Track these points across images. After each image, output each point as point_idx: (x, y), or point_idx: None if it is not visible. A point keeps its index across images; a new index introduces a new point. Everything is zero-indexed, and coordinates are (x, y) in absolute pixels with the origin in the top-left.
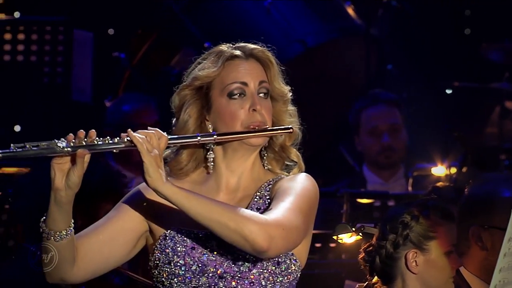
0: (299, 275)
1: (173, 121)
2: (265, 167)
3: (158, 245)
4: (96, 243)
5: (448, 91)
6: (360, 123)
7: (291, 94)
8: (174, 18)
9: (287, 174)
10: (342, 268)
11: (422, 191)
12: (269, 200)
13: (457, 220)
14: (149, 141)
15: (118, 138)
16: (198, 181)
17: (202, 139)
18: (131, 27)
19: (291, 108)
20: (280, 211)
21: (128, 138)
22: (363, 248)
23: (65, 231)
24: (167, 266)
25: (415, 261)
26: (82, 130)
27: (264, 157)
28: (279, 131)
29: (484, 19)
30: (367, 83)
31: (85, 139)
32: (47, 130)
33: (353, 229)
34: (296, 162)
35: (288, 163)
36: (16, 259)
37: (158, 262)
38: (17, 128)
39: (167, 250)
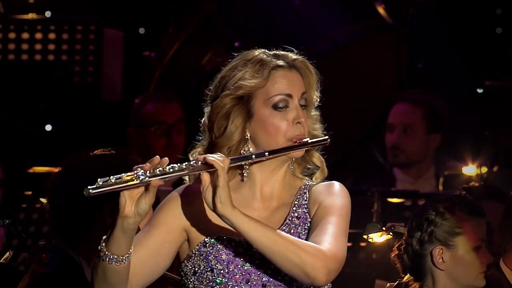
0: None
1: (212, 128)
2: (291, 171)
3: (196, 252)
4: (142, 259)
5: (479, 90)
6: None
7: (318, 100)
8: (205, 17)
9: (308, 179)
10: (373, 268)
11: (453, 190)
12: (307, 209)
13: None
14: (223, 164)
15: (188, 163)
16: (232, 187)
17: (255, 159)
18: (162, 26)
19: (315, 113)
20: (333, 241)
21: (202, 161)
22: (396, 246)
23: (127, 254)
24: (209, 273)
25: (442, 257)
26: (157, 157)
27: (292, 161)
28: (318, 144)
29: None
30: (398, 82)
31: (159, 167)
32: (77, 129)
33: (383, 228)
34: (319, 167)
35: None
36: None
37: (197, 269)
38: (48, 127)
39: (210, 257)
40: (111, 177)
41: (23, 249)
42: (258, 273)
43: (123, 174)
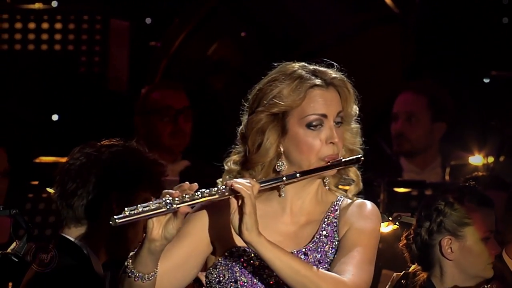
0: None
1: (241, 139)
2: (325, 186)
3: (222, 261)
4: (170, 270)
5: (486, 80)
6: None
7: (357, 113)
8: (211, 8)
9: (343, 192)
10: (379, 258)
11: (460, 180)
12: (336, 228)
13: (505, 208)
14: (250, 192)
15: (217, 188)
16: (262, 200)
17: (286, 181)
18: (168, 16)
19: (355, 126)
20: (357, 271)
21: (230, 187)
22: (404, 235)
23: (153, 272)
24: (233, 284)
25: (450, 247)
26: (187, 183)
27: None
28: (352, 163)
29: None
30: (403, 72)
31: (187, 193)
32: (84, 119)
33: (390, 218)
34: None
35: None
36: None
37: (221, 278)
38: (55, 117)
39: (235, 269)
40: (139, 205)
41: (30, 239)
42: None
43: (150, 202)
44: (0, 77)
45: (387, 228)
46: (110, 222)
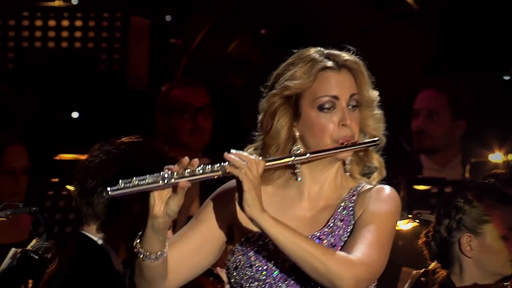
0: None
1: (259, 125)
2: (347, 172)
3: (239, 247)
4: (184, 255)
5: (506, 77)
6: None
7: (378, 99)
8: (231, 5)
9: (367, 179)
10: (399, 255)
11: (480, 177)
12: (352, 212)
13: None
14: (249, 167)
15: (218, 164)
16: (281, 185)
17: (296, 159)
18: (188, 14)
19: (378, 112)
20: (367, 250)
21: (228, 164)
22: (423, 233)
23: (161, 252)
24: (249, 269)
25: (469, 245)
26: (186, 158)
27: (348, 161)
28: (367, 145)
29: None
30: (423, 69)
31: (187, 169)
32: (104, 116)
33: (410, 215)
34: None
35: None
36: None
37: (238, 264)
38: (75, 114)
39: (250, 253)
40: (134, 178)
41: (50, 236)
42: (297, 272)
43: (147, 175)
44: (20, 74)
45: (407, 225)
46: (104, 195)
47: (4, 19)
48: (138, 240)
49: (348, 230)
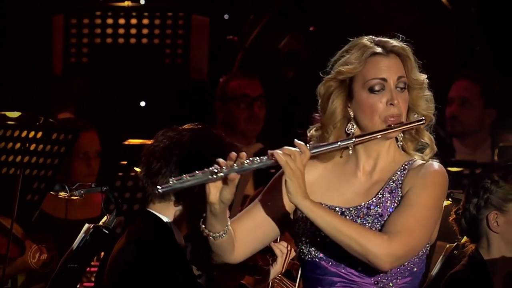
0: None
1: (319, 107)
2: (399, 147)
3: (301, 215)
4: (251, 229)
5: None
6: None
7: (427, 81)
8: (283, 5)
9: (420, 154)
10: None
11: (507, 160)
12: (401, 185)
13: None
14: (293, 159)
15: (265, 157)
16: (339, 162)
17: (342, 144)
18: (244, 12)
19: (428, 93)
20: (404, 230)
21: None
22: (454, 210)
23: (223, 231)
24: (309, 236)
25: (496, 221)
26: (233, 153)
27: (400, 138)
28: (412, 125)
29: None
30: (457, 65)
31: (236, 162)
32: (168, 105)
33: None
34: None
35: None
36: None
37: (299, 230)
38: (142, 103)
39: (308, 222)
40: (183, 175)
41: (119, 213)
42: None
43: (196, 172)
44: (93, 68)
45: None
46: (155, 191)
47: (79, 18)
48: (202, 220)
49: (396, 201)
